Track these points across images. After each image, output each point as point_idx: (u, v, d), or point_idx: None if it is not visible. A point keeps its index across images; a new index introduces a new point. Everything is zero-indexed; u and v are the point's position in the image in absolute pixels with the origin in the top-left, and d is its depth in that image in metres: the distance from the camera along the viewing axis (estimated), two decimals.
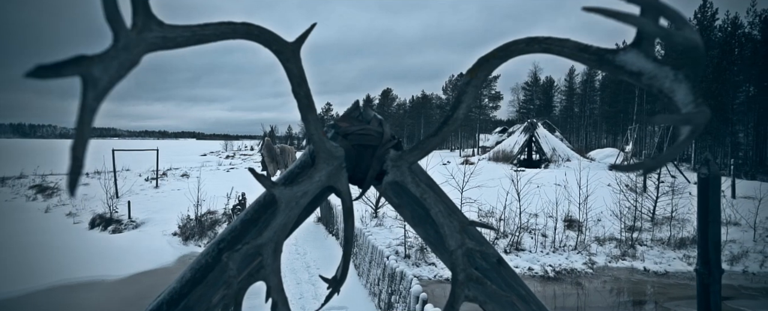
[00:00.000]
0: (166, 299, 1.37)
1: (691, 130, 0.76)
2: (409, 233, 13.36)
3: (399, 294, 6.79)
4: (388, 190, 1.56)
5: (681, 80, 0.87)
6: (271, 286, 1.30)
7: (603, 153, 43.95)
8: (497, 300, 1.55)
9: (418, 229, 1.55)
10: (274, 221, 1.30)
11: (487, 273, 1.57)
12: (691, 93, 0.85)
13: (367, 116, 1.53)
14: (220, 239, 1.42)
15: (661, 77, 0.89)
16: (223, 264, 1.40)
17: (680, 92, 0.87)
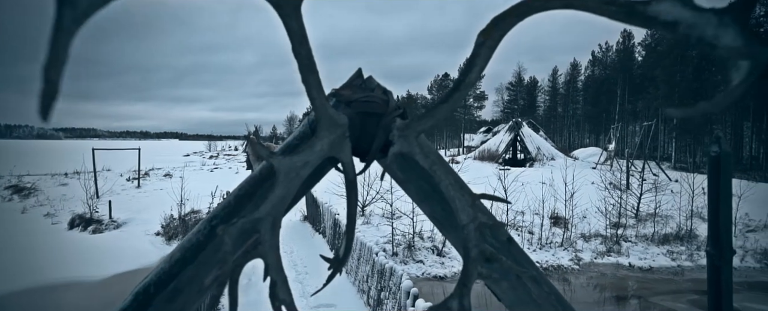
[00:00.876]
0: (154, 280, 1.26)
1: (752, 66, 0.69)
2: (397, 230, 13.29)
3: (388, 290, 6.71)
4: (393, 164, 1.47)
5: (727, 23, 0.79)
6: (269, 264, 1.21)
7: (586, 152, 44.47)
8: (511, 278, 1.47)
9: (423, 206, 1.46)
10: (272, 193, 1.20)
11: (497, 252, 1.49)
12: (740, 36, 0.77)
13: (371, 84, 1.44)
14: (212, 215, 1.32)
15: (702, 24, 0.81)
16: (216, 241, 1.29)
17: (727, 37, 0.79)
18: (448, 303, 1.32)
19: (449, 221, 1.47)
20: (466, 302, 1.29)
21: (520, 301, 1.50)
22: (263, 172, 1.37)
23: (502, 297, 1.55)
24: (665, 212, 16.54)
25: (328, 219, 12.30)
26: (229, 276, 1.19)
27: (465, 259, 1.27)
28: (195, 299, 1.31)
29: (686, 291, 11.59)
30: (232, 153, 64.55)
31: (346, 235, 1.47)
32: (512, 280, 1.49)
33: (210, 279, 1.36)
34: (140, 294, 1.27)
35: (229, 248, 1.14)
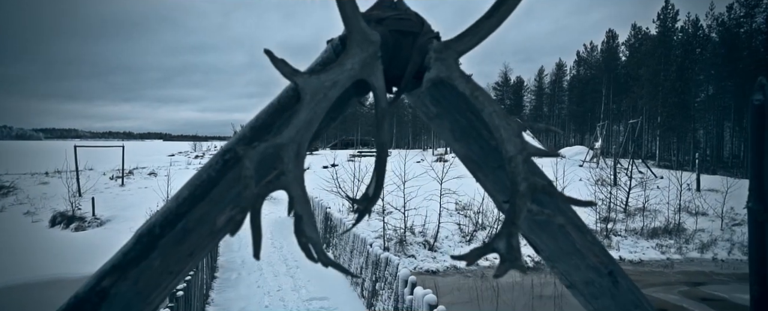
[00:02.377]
0: (159, 220, 1.10)
1: None
2: (389, 225, 13.15)
3: (384, 280, 6.56)
4: (425, 95, 1.33)
5: None
6: (294, 197, 1.05)
7: (572, 151, 44.84)
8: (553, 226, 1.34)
9: (458, 145, 1.31)
10: (296, 117, 1.05)
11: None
12: None
13: (402, 6, 1.29)
14: (225, 149, 1.16)
15: None
16: (231, 175, 1.14)
17: None
18: (494, 244, 1.18)
19: (488, 161, 1.33)
20: (515, 242, 1.15)
21: (562, 252, 1.37)
22: (283, 99, 1.21)
23: (543, 248, 1.41)
24: (653, 206, 16.67)
25: (318, 214, 12.11)
26: (251, 206, 1.04)
27: (513, 195, 1.14)
28: (206, 242, 1.16)
29: (677, 283, 11.66)
30: None
31: (377, 171, 1.32)
32: (554, 229, 1.36)
33: (224, 218, 1.20)
34: (144, 236, 1.11)
35: (250, 172, 0.99)
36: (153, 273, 1.10)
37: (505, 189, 1.34)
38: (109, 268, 1.11)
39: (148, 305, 1.12)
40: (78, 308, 1.07)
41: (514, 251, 1.15)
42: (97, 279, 1.10)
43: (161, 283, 1.13)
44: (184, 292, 4.99)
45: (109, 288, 1.08)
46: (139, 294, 1.10)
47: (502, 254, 1.16)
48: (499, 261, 1.18)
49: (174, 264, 1.13)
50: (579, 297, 1.45)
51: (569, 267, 1.39)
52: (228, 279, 9.01)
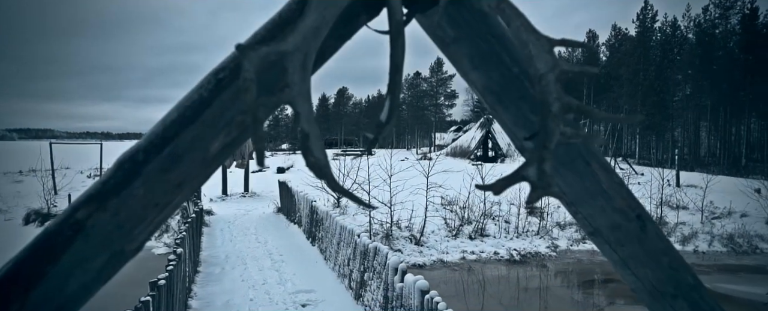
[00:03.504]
0: (143, 145, 0.96)
1: None
2: (375, 219, 13.03)
3: (373, 270, 6.44)
4: (442, 16, 1.21)
5: None
6: (300, 113, 0.92)
7: None
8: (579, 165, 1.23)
9: (477, 73, 1.19)
10: (302, 22, 0.92)
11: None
12: None
13: None
14: (218, 68, 1.02)
15: None
16: (226, 96, 1.00)
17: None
18: (522, 171, 1.06)
19: (509, 92, 1.21)
20: (547, 167, 1.03)
21: (587, 193, 1.26)
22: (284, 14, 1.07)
23: (567, 190, 1.30)
24: None
25: (304, 208, 11.92)
26: (253, 115, 0.90)
27: (544, 116, 1.02)
28: (198, 171, 1.02)
29: None
30: None
31: (390, 94, 1.20)
32: (580, 168, 1.25)
33: (218, 144, 1.07)
34: (125, 163, 0.96)
35: (250, 74, 0.86)
36: (136, 204, 0.96)
37: (528, 124, 1.22)
38: (84, 198, 0.96)
39: (130, 241, 0.97)
40: (48, 243, 0.93)
41: (547, 177, 1.04)
42: (71, 210, 0.95)
43: (146, 216, 0.98)
44: (166, 281, 4.79)
45: (85, 220, 0.93)
46: (119, 228, 0.95)
47: (533, 181, 1.04)
48: (530, 188, 1.07)
49: (160, 195, 0.98)
50: (603, 245, 1.34)
51: (594, 211, 1.28)
52: (211, 274, 8.77)
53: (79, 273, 0.93)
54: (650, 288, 1.34)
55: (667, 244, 1.32)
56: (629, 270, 1.34)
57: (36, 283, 0.90)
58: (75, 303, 0.95)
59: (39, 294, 0.90)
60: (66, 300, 0.93)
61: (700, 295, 1.34)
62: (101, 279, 0.96)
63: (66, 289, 0.92)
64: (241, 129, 1.00)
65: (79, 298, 0.95)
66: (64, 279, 0.91)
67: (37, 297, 0.90)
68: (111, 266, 0.96)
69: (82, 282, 0.94)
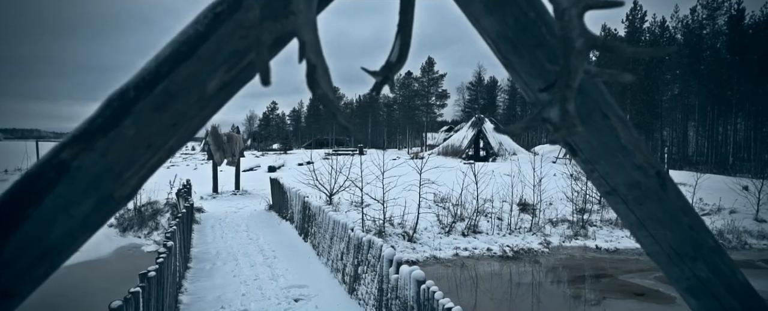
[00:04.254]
0: (134, 82, 0.88)
1: None
2: (367, 214, 12.95)
3: (367, 263, 6.36)
4: None
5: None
6: (305, 42, 0.86)
7: (546, 148, 45.51)
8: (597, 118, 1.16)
9: (491, 19, 1.12)
10: None
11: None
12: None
13: None
14: (216, 3, 0.94)
15: None
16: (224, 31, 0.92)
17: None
18: (544, 113, 1.00)
19: (525, 38, 1.14)
20: (570, 107, 0.97)
21: (605, 149, 1.19)
22: None
23: (582, 146, 1.23)
24: None
25: (296, 204, 11.80)
26: (257, 38, 0.83)
27: (566, 53, 0.96)
28: (194, 111, 0.94)
29: (652, 269, 11.83)
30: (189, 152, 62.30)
31: (401, 32, 1.14)
32: (598, 121, 1.19)
33: (216, 83, 0.99)
34: (115, 100, 0.88)
35: (255, 13, 0.80)
36: (126, 145, 0.88)
37: (544, 74, 1.16)
38: (69, 139, 0.88)
39: (120, 186, 0.89)
40: (30, 185, 0.84)
41: (570, 117, 0.97)
42: (55, 151, 0.86)
43: (137, 159, 0.90)
44: (156, 273, 4.68)
45: (70, 161, 0.85)
46: (108, 170, 0.87)
47: (555, 122, 0.98)
48: (552, 129, 1.00)
49: (153, 135, 0.90)
50: (619, 205, 1.28)
51: (612, 168, 1.22)
52: (202, 269, 8.63)
53: (64, 218, 0.85)
54: (669, 250, 1.28)
55: (686, 204, 1.26)
56: (647, 232, 1.28)
57: (16, 226, 0.81)
58: (60, 252, 0.87)
59: (20, 238, 0.82)
60: (50, 248, 0.85)
61: (721, 258, 1.29)
62: (88, 226, 0.88)
63: (50, 235, 0.84)
64: (241, 65, 0.92)
65: (65, 246, 0.87)
66: (47, 223, 0.83)
67: (18, 240, 0.82)
68: (99, 212, 0.88)
69: (68, 228, 0.86)
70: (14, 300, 0.85)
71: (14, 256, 0.82)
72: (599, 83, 1.18)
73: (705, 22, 46.94)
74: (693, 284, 1.34)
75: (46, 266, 0.86)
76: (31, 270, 0.85)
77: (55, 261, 0.87)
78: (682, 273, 1.32)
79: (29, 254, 0.84)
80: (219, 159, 19.06)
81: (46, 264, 0.86)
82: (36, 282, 0.87)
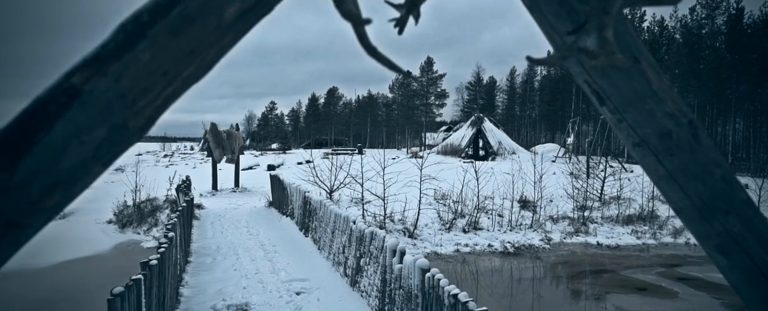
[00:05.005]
0: (149, 6, 0.83)
1: None
2: (368, 210, 12.90)
3: (369, 255, 6.30)
4: None
5: None
6: None
7: (545, 148, 45.52)
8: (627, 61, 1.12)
9: None
10: None
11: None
12: None
13: None
14: None
15: None
16: None
17: None
18: (579, 43, 0.96)
19: None
20: (609, 34, 0.94)
21: (636, 96, 1.14)
22: None
23: (611, 94, 1.19)
24: (627, 195, 16.96)
25: (296, 199, 11.75)
26: None
27: None
28: (212, 38, 0.89)
29: (653, 265, 11.81)
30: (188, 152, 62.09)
31: None
32: (629, 65, 1.14)
33: (234, 10, 0.95)
34: (128, 24, 0.83)
35: None
36: (141, 70, 0.83)
37: (572, 15, 1.10)
38: (80, 63, 0.83)
39: (135, 114, 0.84)
40: (40, 109, 0.79)
41: (609, 44, 0.93)
42: (66, 75, 0.81)
43: (152, 86, 0.85)
44: (158, 262, 4.62)
45: (82, 85, 0.79)
46: (121, 97, 0.82)
47: (592, 51, 0.94)
48: (589, 57, 0.96)
49: (169, 61, 0.85)
50: (649, 158, 1.23)
51: (642, 116, 1.17)
52: (202, 263, 8.57)
53: (76, 145, 0.80)
54: (700, 204, 1.23)
55: (718, 155, 1.22)
56: (677, 185, 1.23)
57: (26, 151, 0.76)
58: (72, 183, 0.82)
59: (30, 165, 0.77)
60: (62, 177, 0.80)
61: (753, 211, 1.24)
62: (101, 157, 0.83)
63: (61, 163, 0.79)
64: None
65: (77, 177, 0.82)
66: (58, 150, 0.78)
67: (28, 167, 0.77)
68: (112, 142, 0.83)
69: (80, 157, 0.81)
70: (27, 231, 0.81)
71: (24, 183, 0.78)
72: (629, 27, 1.14)
73: (704, 21, 47.00)
74: (724, 240, 1.29)
75: (58, 197, 0.81)
76: (43, 200, 0.80)
77: (66, 192, 0.82)
78: (712, 228, 1.27)
79: (40, 182, 0.79)
80: (218, 156, 18.99)
81: (57, 194, 0.81)
82: (48, 214, 0.82)
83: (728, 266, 1.33)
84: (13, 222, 0.80)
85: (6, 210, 0.79)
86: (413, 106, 73.14)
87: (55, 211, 0.84)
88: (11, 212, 0.79)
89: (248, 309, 6.37)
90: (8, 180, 0.78)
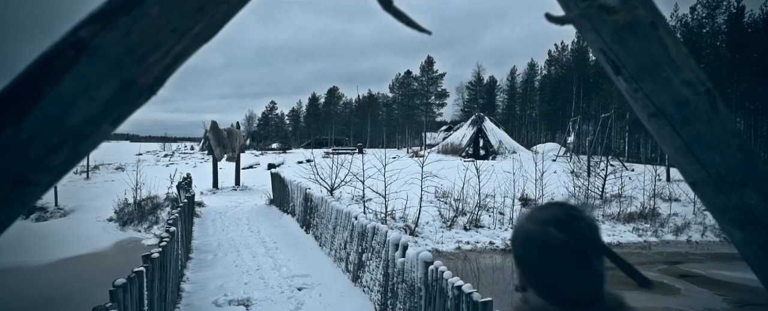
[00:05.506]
0: None
1: None
2: (369, 208, 12.88)
3: (372, 250, 6.28)
4: None
5: None
6: None
7: (546, 147, 45.46)
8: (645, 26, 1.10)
9: None
10: None
11: None
12: None
13: None
14: None
15: None
16: None
17: None
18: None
19: None
20: None
21: (653, 63, 1.11)
22: None
23: (627, 62, 1.16)
24: (628, 193, 16.95)
25: (297, 196, 11.73)
26: None
27: None
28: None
29: (655, 262, 11.79)
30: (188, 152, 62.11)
31: None
32: (646, 31, 1.12)
33: None
34: None
35: None
36: (150, 25, 0.80)
37: None
38: (87, 17, 0.81)
39: (144, 71, 0.82)
40: (47, 63, 0.77)
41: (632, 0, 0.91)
42: (73, 29, 0.79)
43: (162, 43, 0.83)
44: (160, 256, 4.60)
45: (90, 39, 0.77)
46: (131, 51, 0.80)
47: (613, 6, 0.92)
48: (608, 14, 0.94)
49: (178, 18, 0.83)
50: (665, 128, 1.20)
51: (659, 84, 1.14)
52: (203, 260, 8.55)
53: (84, 100, 0.77)
54: (716, 176, 1.21)
55: (735, 125, 1.19)
56: (693, 157, 1.20)
57: (33, 105, 0.74)
58: (80, 140, 0.80)
59: (36, 119, 0.75)
60: (69, 134, 0.78)
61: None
62: (109, 114, 0.81)
63: (69, 119, 0.77)
64: None
65: (85, 134, 0.80)
66: (66, 105, 0.76)
67: (35, 121, 0.75)
68: (121, 99, 0.81)
69: (88, 113, 0.78)
70: (34, 189, 0.78)
71: (31, 139, 0.76)
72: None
73: (704, 20, 47.02)
74: (740, 214, 1.26)
75: (65, 155, 0.79)
76: (50, 157, 0.78)
77: (74, 150, 0.80)
78: (729, 202, 1.24)
79: (47, 138, 0.77)
80: (219, 154, 18.97)
81: (65, 152, 0.79)
82: (55, 173, 0.80)
83: (744, 240, 1.31)
84: (19, 180, 0.78)
85: (12, 168, 0.77)
86: (413, 105, 73.13)
87: (62, 170, 0.82)
88: (17, 170, 0.77)
89: (250, 305, 6.35)
90: (14, 136, 0.76)
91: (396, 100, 78.50)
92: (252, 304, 6.35)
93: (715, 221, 10.14)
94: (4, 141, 0.75)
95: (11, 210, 0.81)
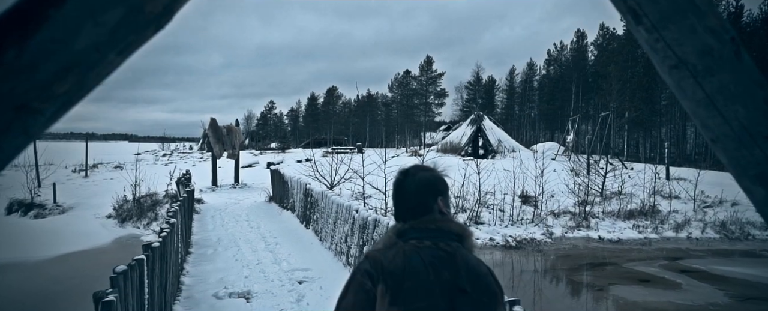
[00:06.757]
0: None
1: None
2: (369, 204, 12.83)
3: (373, 243, 6.24)
4: None
5: None
6: None
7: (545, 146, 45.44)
8: None
9: None
10: None
11: None
12: None
13: None
14: None
15: None
16: None
17: None
18: None
19: None
20: None
21: (676, 10, 1.07)
22: None
23: (649, 9, 1.12)
24: (628, 190, 16.93)
25: (297, 192, 11.69)
26: None
27: None
28: None
29: (656, 257, 11.78)
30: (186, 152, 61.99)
31: None
32: None
33: None
34: None
35: None
36: None
37: None
38: None
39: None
40: None
41: None
42: None
43: None
44: (160, 246, 4.56)
45: None
46: None
47: None
48: None
49: None
50: (686, 80, 1.16)
51: (682, 32, 1.10)
52: (203, 254, 8.51)
53: (90, 26, 0.73)
54: (739, 130, 1.16)
55: (761, 76, 1.16)
56: (716, 110, 1.16)
57: (37, 27, 0.70)
58: (86, 67, 0.76)
59: (40, 42, 0.71)
60: (75, 60, 0.74)
61: None
62: (116, 42, 0.77)
63: (74, 44, 0.73)
64: None
65: (91, 61, 0.76)
66: (71, 28, 0.72)
67: (39, 44, 0.71)
68: (127, 26, 0.77)
69: (94, 39, 0.74)
70: (38, 118, 0.75)
71: (35, 63, 0.72)
72: None
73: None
74: (764, 169, 1.23)
75: (70, 82, 0.75)
76: (55, 84, 0.74)
77: (80, 78, 0.76)
78: (752, 156, 1.20)
79: (52, 62, 0.73)
80: (218, 152, 18.91)
81: (70, 79, 0.75)
82: (60, 102, 0.76)
83: (766, 196, 1.27)
84: (22, 107, 0.74)
85: (15, 93, 0.73)
86: (412, 105, 73.08)
87: (67, 101, 0.78)
88: (20, 96, 0.73)
89: (250, 297, 6.31)
90: (17, 59, 0.72)
91: (395, 100, 78.45)
92: (252, 297, 6.31)
93: (715, 218, 10.14)
94: (5, 64, 0.71)
95: (14, 140, 0.77)
